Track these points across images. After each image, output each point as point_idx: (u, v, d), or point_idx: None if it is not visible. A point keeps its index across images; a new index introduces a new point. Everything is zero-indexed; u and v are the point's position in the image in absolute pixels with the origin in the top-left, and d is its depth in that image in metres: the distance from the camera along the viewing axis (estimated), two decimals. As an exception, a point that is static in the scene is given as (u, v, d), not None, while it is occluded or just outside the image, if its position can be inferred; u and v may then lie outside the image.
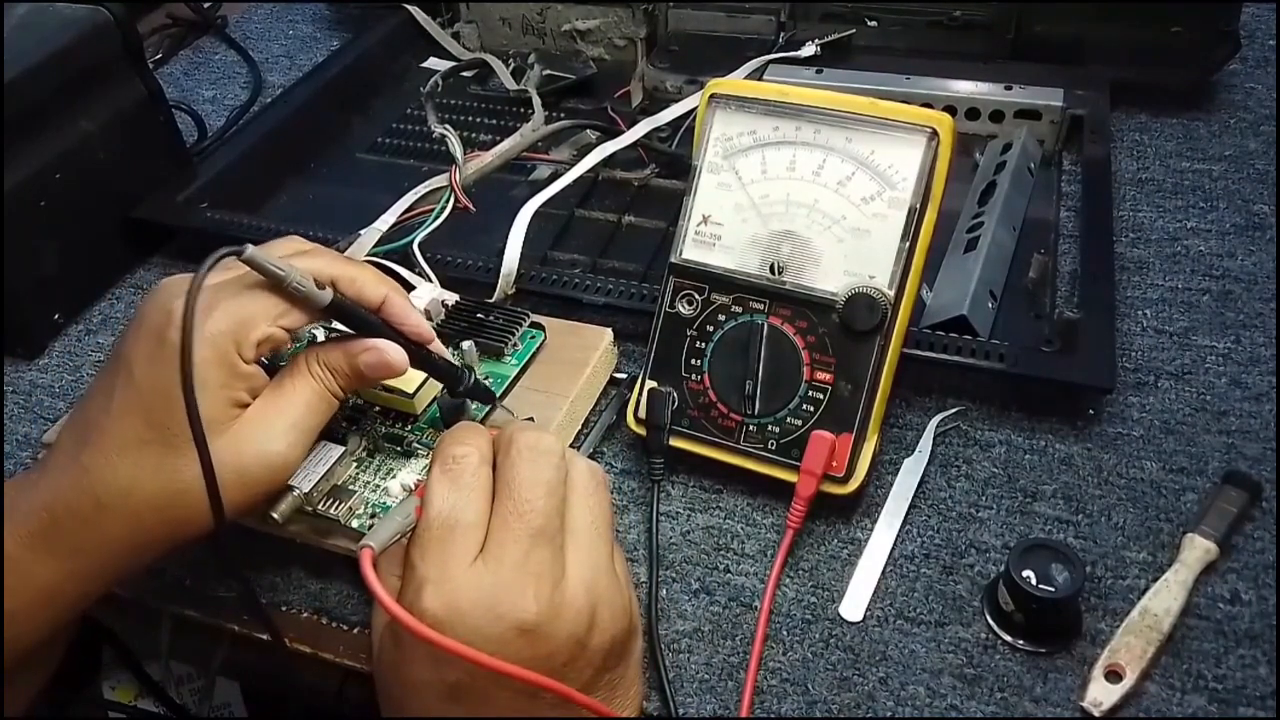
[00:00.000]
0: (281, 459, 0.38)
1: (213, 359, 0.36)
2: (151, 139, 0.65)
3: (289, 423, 0.38)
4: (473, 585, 0.33)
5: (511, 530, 0.34)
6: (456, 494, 0.35)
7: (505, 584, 0.33)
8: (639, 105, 0.73)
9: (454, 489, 0.35)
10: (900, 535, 0.45)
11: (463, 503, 0.35)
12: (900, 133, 0.43)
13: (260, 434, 0.38)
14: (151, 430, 0.36)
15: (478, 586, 0.33)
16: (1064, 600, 0.39)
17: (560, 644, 0.33)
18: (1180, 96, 0.69)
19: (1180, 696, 0.39)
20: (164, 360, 0.36)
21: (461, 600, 0.33)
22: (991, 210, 0.58)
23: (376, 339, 0.40)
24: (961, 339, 0.49)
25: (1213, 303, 0.55)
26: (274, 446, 0.38)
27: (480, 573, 0.33)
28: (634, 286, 0.54)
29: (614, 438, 0.51)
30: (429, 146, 0.70)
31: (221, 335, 0.36)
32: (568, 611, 0.34)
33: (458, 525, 0.34)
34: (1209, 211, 0.61)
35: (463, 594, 0.33)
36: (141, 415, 0.36)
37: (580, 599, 0.34)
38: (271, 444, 0.38)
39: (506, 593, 0.33)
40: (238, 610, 0.45)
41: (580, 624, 0.34)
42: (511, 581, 0.33)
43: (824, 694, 0.40)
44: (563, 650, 0.34)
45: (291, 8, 0.94)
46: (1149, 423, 0.49)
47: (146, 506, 0.36)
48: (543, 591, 0.33)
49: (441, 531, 0.34)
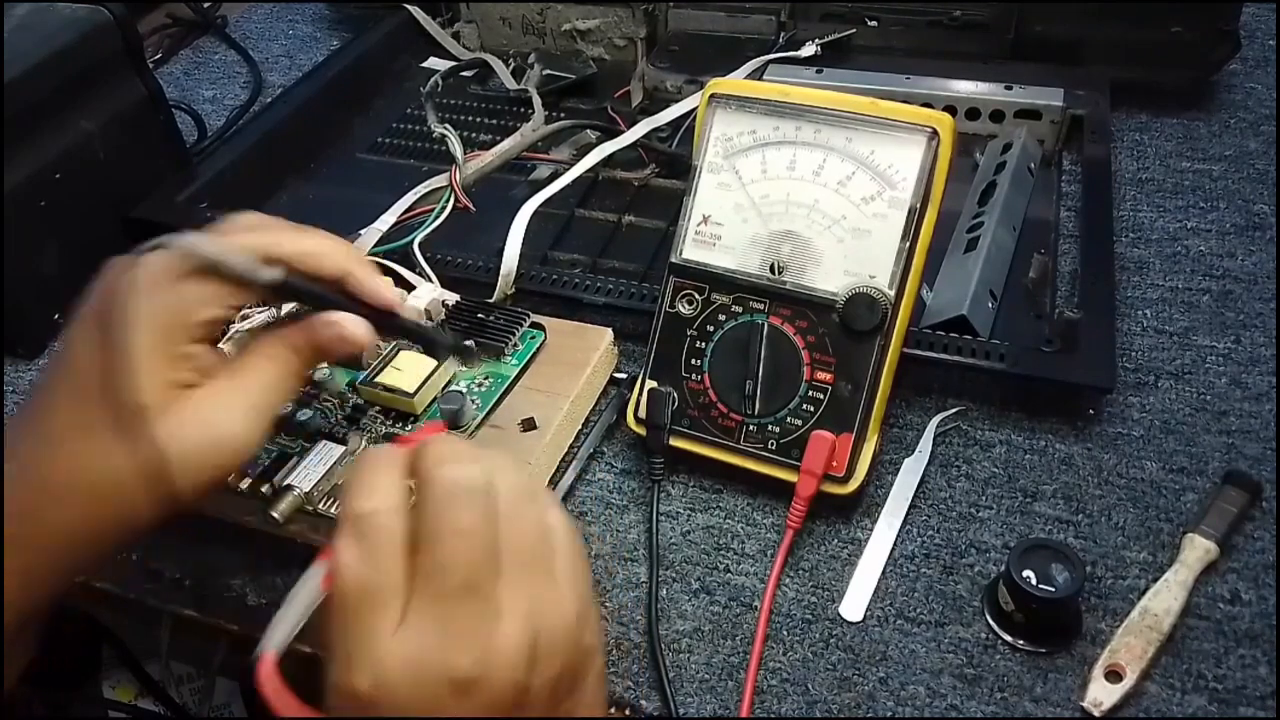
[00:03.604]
0: (236, 440, 0.36)
1: (152, 342, 0.35)
2: (151, 139, 0.65)
3: (246, 403, 0.37)
4: (397, 655, 0.30)
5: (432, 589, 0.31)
6: (368, 559, 0.31)
7: (431, 646, 0.30)
8: (639, 105, 0.72)
9: (365, 554, 0.31)
10: (900, 535, 0.45)
11: (378, 568, 0.31)
12: (900, 133, 0.43)
13: (211, 414, 0.36)
14: (91, 416, 0.34)
15: (403, 653, 0.30)
16: (1064, 600, 0.40)
17: (501, 691, 0.31)
18: (1180, 96, 0.69)
19: (1180, 696, 0.39)
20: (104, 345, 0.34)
21: (388, 673, 0.30)
22: (991, 210, 0.58)
23: (336, 312, 0.38)
24: (961, 339, 0.49)
25: (1213, 303, 0.55)
26: (228, 428, 0.36)
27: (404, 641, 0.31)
28: (634, 286, 0.54)
29: (614, 438, 0.51)
30: (429, 146, 0.70)
31: (160, 317, 0.35)
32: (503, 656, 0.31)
33: (375, 594, 0.31)
34: (1209, 211, 0.61)
35: (387, 666, 0.30)
36: (79, 401, 0.35)
37: (516, 638, 0.31)
38: (225, 425, 0.36)
39: (435, 654, 0.30)
40: (238, 610, 0.45)
41: (519, 665, 0.31)
42: (437, 644, 0.31)
43: (824, 694, 0.40)
44: (505, 697, 0.31)
45: (291, 8, 0.94)
46: (1149, 423, 0.49)
47: (90, 495, 0.35)
48: (475, 645, 0.31)
49: (357, 603, 0.31)
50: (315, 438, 0.46)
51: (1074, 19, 0.69)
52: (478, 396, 0.48)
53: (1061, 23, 0.70)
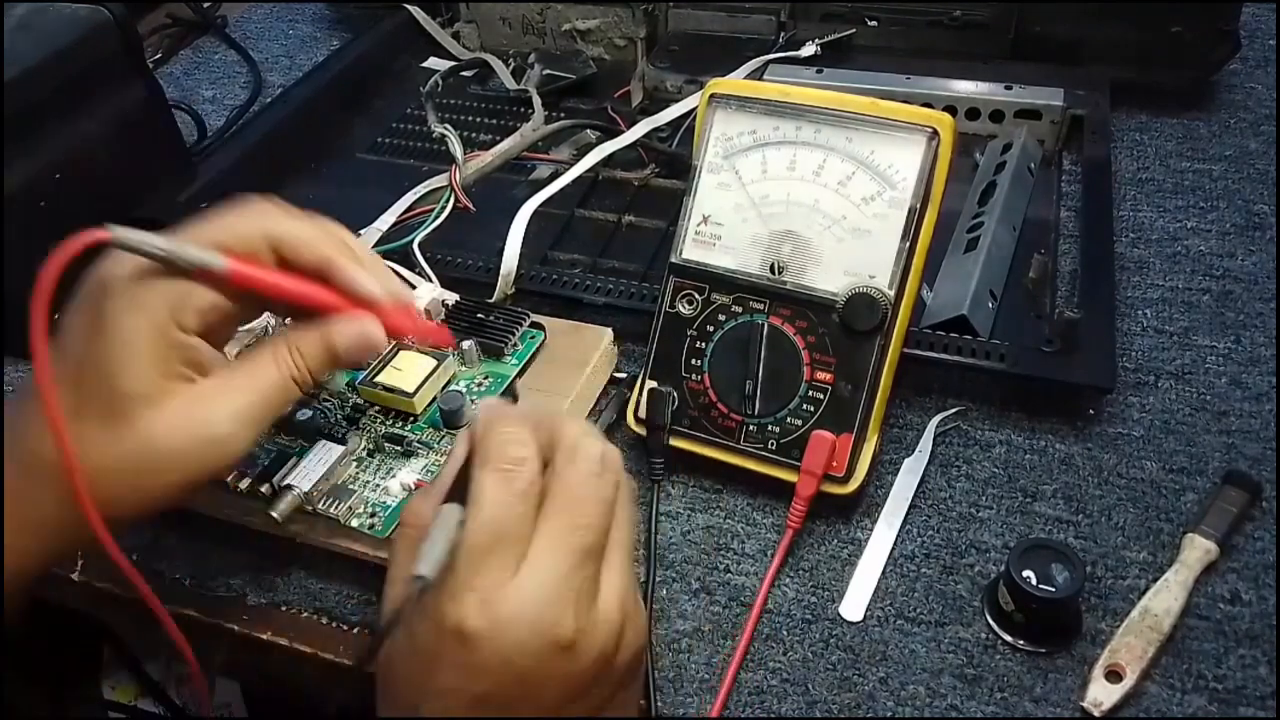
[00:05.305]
0: (220, 445, 0.36)
1: (143, 328, 0.34)
2: (151, 139, 0.65)
3: (235, 408, 0.36)
4: (515, 599, 0.31)
5: (564, 544, 0.32)
6: (512, 502, 0.32)
7: (549, 600, 0.31)
8: (639, 105, 0.72)
9: (511, 496, 0.32)
10: (900, 535, 0.45)
11: (518, 513, 0.32)
12: (900, 133, 0.43)
13: (201, 412, 0.35)
14: (82, 403, 0.34)
15: (520, 600, 0.31)
16: (1064, 600, 0.39)
17: (591, 661, 0.32)
18: (1180, 96, 0.69)
19: (1180, 696, 0.39)
20: (97, 331, 0.34)
21: (503, 613, 0.31)
22: (991, 210, 0.58)
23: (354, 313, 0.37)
24: (961, 339, 0.49)
25: (1213, 303, 0.55)
26: (214, 430, 0.35)
27: (524, 586, 0.31)
28: (634, 286, 0.54)
29: (614, 438, 0.50)
30: (429, 146, 0.70)
31: (155, 303, 0.35)
32: (602, 629, 0.33)
33: (508, 536, 0.32)
34: (1209, 211, 0.61)
35: (505, 606, 0.31)
36: (72, 387, 0.34)
37: (614, 617, 0.33)
38: (211, 427, 0.35)
39: (549, 608, 0.31)
40: (238, 610, 0.45)
41: (610, 642, 0.33)
42: (555, 597, 0.32)
43: (824, 694, 0.40)
44: (592, 668, 0.32)
45: (291, 8, 0.94)
46: (1149, 423, 0.49)
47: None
48: (581, 610, 0.32)
49: (490, 540, 0.32)
50: (315, 437, 0.46)
51: (1074, 19, 0.69)
52: (477, 396, 0.48)
53: (1061, 23, 0.70)
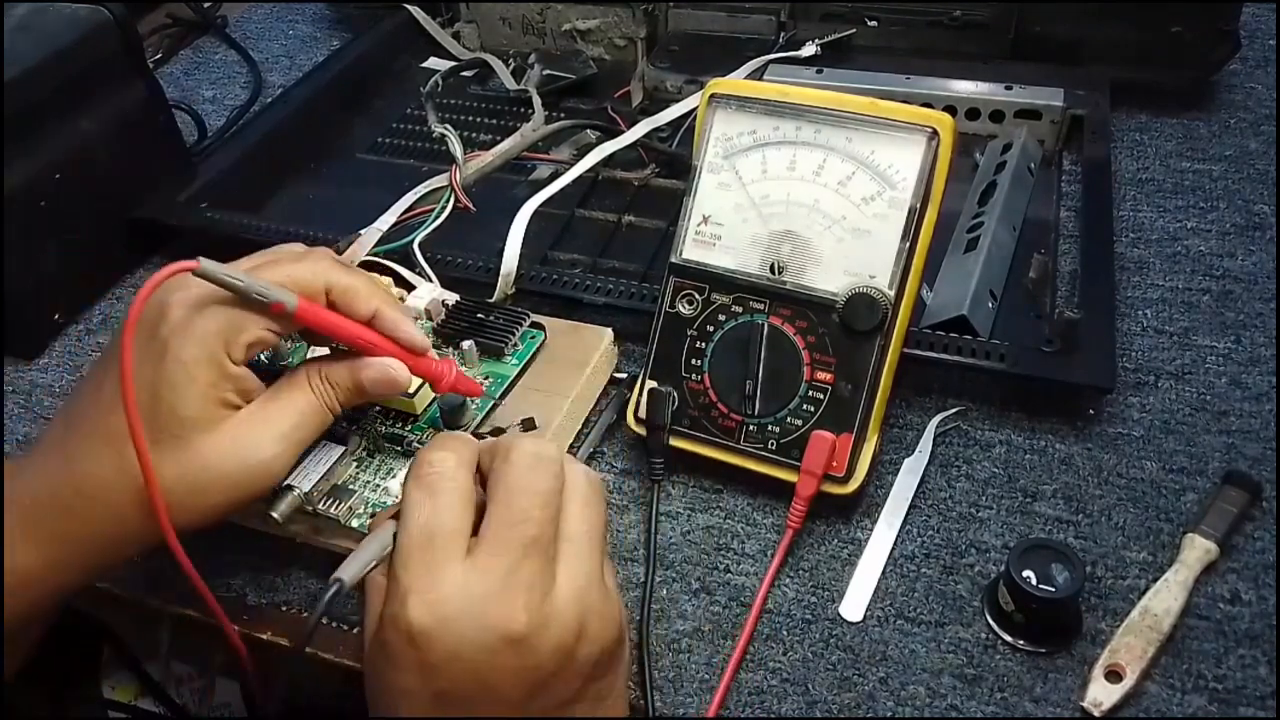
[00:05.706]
0: (265, 467, 0.38)
1: (201, 357, 0.36)
2: (151, 139, 0.65)
3: (278, 432, 0.38)
4: (459, 594, 0.32)
5: (504, 539, 0.33)
6: (433, 500, 0.34)
7: (494, 594, 0.32)
8: (639, 105, 0.72)
9: (429, 495, 0.34)
10: (900, 535, 0.45)
11: (440, 508, 0.34)
12: (900, 133, 0.43)
13: (247, 439, 0.38)
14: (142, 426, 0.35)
15: (465, 595, 0.32)
16: (1064, 600, 0.39)
17: (548, 655, 0.33)
18: (1180, 96, 0.69)
19: (1180, 696, 0.39)
20: (153, 356, 0.36)
21: (448, 609, 0.32)
22: (991, 210, 0.58)
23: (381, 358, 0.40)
24: (961, 339, 0.49)
25: (1213, 303, 0.55)
26: (260, 454, 0.38)
27: (468, 581, 0.32)
28: (634, 286, 0.54)
29: (614, 438, 0.51)
30: (429, 146, 0.70)
31: (211, 335, 0.36)
32: (557, 622, 0.33)
33: (438, 533, 0.33)
34: (1209, 211, 0.61)
35: (449, 603, 0.32)
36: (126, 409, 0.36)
37: (570, 610, 0.33)
38: (257, 451, 0.38)
39: (495, 603, 0.32)
40: (238, 610, 0.45)
41: (568, 635, 0.33)
42: (501, 591, 0.32)
43: (824, 694, 0.40)
44: (550, 661, 0.33)
45: (291, 8, 0.94)
46: (1149, 423, 0.49)
47: (127, 500, 0.36)
48: (533, 602, 0.33)
49: (422, 540, 0.33)
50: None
51: (1074, 19, 0.69)
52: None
53: (1061, 23, 0.70)
